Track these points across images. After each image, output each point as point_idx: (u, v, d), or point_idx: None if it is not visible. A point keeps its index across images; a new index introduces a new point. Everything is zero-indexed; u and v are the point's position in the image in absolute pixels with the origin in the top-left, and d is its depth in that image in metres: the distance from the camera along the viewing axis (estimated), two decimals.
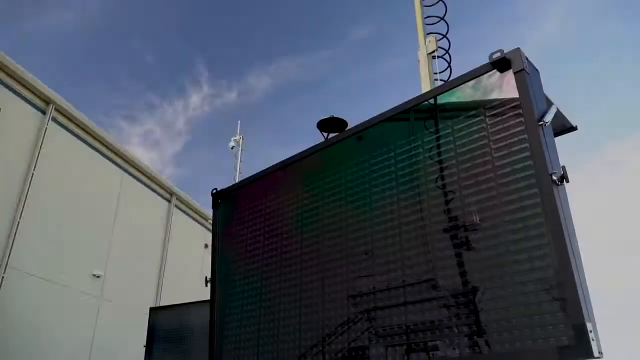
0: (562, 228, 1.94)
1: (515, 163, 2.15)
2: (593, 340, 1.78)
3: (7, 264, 14.35)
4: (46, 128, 15.59)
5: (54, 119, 15.90)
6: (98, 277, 17.94)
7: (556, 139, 2.33)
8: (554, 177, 2.01)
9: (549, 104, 2.33)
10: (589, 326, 1.79)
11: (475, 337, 2.08)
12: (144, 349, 14.24)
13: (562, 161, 2.17)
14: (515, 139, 2.17)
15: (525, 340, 1.94)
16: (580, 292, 1.84)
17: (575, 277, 1.86)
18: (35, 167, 15.54)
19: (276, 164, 3.22)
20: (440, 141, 2.46)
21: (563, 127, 2.65)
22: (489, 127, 2.29)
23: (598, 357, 1.77)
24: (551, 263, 1.93)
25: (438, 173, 2.42)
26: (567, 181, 2.03)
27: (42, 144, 15.81)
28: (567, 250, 1.90)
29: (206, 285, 3.45)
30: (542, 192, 2.02)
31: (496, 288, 2.07)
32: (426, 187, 2.44)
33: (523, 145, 2.13)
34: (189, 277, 24.40)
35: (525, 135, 2.13)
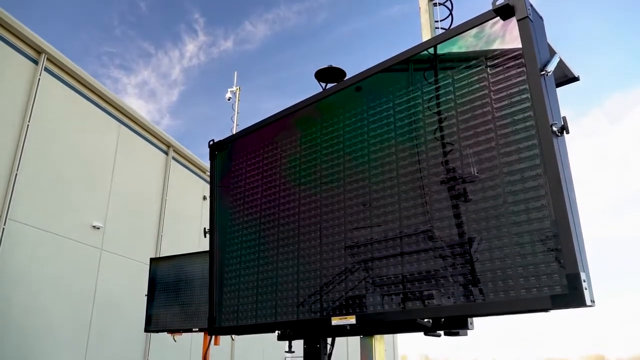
0: (560, 179, 1.93)
1: (515, 114, 2.12)
2: (586, 289, 1.81)
3: (6, 215, 14.46)
4: (39, 79, 15.35)
5: (47, 70, 15.63)
6: (98, 228, 18.16)
7: (558, 89, 2.29)
8: (554, 128, 1.99)
9: (552, 53, 2.28)
10: (582, 276, 1.82)
11: (470, 286, 2.12)
12: (145, 299, 14.62)
13: (564, 112, 2.14)
14: (516, 89, 2.13)
15: (519, 289, 1.97)
16: (575, 243, 1.86)
17: (572, 227, 1.87)
18: (30, 119, 15.41)
19: (274, 115, 3.18)
20: (440, 92, 2.42)
21: (565, 77, 2.60)
22: (490, 77, 2.25)
23: (590, 306, 1.81)
24: (548, 214, 1.94)
25: (437, 124, 2.40)
26: (568, 132, 2.01)
27: (35, 94, 15.60)
28: (564, 202, 1.90)
29: (205, 236, 3.48)
30: (541, 143, 2.00)
31: (492, 239, 2.09)
32: (425, 138, 2.42)
33: (524, 96, 2.10)
34: (188, 229, 24.75)
35: (527, 86, 2.09)
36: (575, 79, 2.61)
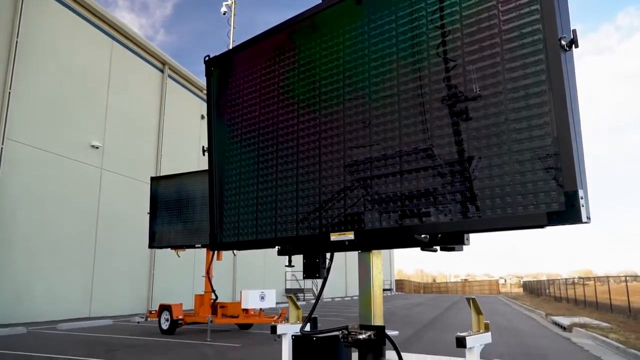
0: (565, 96, 1.89)
1: (523, 27, 2.03)
2: (583, 206, 1.82)
3: (3, 135, 14.39)
4: None
5: None
6: (97, 148, 18.19)
7: (569, 0, 2.18)
8: (563, 42, 1.91)
9: None
10: (580, 193, 1.83)
11: (468, 203, 2.14)
12: (147, 216, 14.90)
13: (573, 26, 2.05)
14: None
15: (516, 206, 1.99)
16: (576, 160, 1.85)
17: (573, 145, 1.86)
18: (18, 34, 14.90)
19: (270, 29, 3.06)
20: (445, 3, 2.30)
21: None
22: None
23: (586, 222, 1.84)
24: (550, 131, 1.92)
25: (441, 39, 2.30)
26: (577, 46, 1.94)
27: (21, 8, 14.96)
28: (567, 119, 1.87)
29: (204, 155, 3.48)
30: (548, 58, 1.93)
31: (492, 156, 2.08)
32: (428, 53, 2.34)
33: (533, 7, 2.00)
34: (188, 148, 24.79)
35: None
36: None
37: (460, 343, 2.04)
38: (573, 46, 1.94)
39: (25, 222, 14.98)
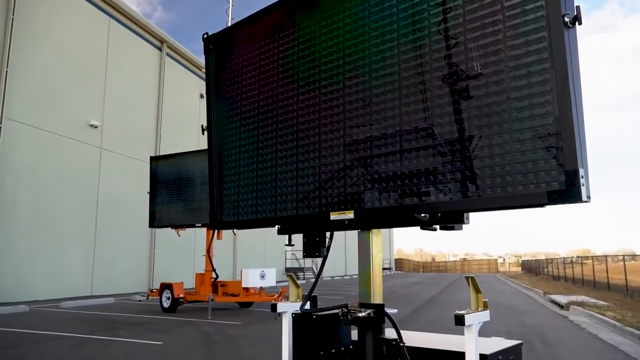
0: (567, 74, 1.87)
1: (526, 3, 2.00)
2: (583, 185, 1.82)
3: (2, 114, 14.32)
4: None
5: None
6: (96, 127, 18.12)
7: None
8: (566, 19, 1.88)
9: None
10: (581, 172, 1.82)
11: (467, 182, 2.13)
12: (147, 196, 14.93)
13: (577, 2, 2.01)
14: None
15: (516, 186, 1.99)
16: (577, 139, 1.84)
17: (575, 124, 1.84)
18: (13, 12, 14.71)
19: (271, 5, 3.01)
20: None
21: None
22: None
23: (586, 201, 1.84)
24: (552, 110, 1.90)
25: (442, 15, 2.27)
26: (580, 23, 1.91)
27: None
28: (569, 97, 1.86)
29: (203, 134, 3.46)
30: (551, 36, 1.91)
31: (493, 135, 2.07)
32: (429, 31, 2.31)
33: None
34: (187, 127, 24.67)
35: None
36: None
37: (459, 321, 2.06)
38: (576, 23, 1.91)
39: (26, 201, 15.01)
